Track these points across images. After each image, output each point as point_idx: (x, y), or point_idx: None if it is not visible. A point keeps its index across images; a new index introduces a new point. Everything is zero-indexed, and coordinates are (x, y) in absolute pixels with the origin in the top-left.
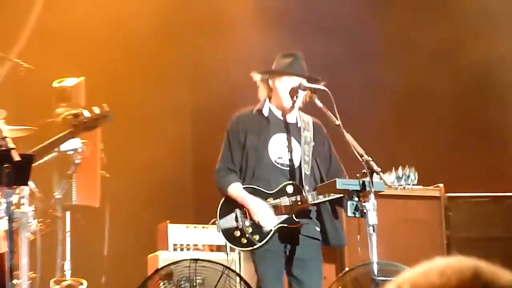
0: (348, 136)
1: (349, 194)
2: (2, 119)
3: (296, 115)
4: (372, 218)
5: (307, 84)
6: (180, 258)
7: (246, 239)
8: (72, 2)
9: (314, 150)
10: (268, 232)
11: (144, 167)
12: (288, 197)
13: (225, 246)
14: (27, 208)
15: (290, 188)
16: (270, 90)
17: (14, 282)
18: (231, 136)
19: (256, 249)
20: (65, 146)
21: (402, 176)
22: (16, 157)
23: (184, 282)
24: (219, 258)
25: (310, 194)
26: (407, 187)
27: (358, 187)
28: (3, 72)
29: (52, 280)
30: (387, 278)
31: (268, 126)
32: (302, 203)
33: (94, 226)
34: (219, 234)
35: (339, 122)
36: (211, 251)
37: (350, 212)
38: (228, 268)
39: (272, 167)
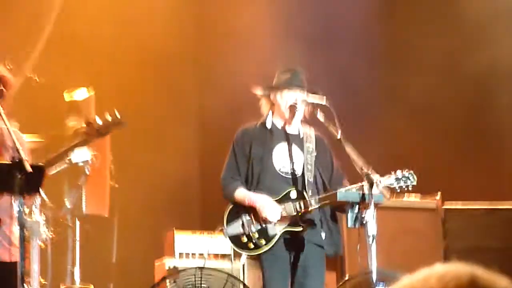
0: (349, 149)
1: (349, 205)
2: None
3: (298, 127)
4: (372, 228)
5: (309, 100)
6: (186, 266)
7: (253, 244)
8: (84, 16)
9: (317, 160)
10: (274, 235)
11: (152, 177)
12: (292, 202)
13: (230, 255)
14: (38, 217)
15: (294, 194)
16: (272, 105)
17: None
18: (236, 147)
19: (263, 253)
20: (75, 157)
21: (402, 178)
22: (28, 168)
23: None
24: (224, 267)
25: (313, 198)
26: (406, 188)
27: (358, 199)
28: (17, 85)
29: (62, 286)
30: (385, 286)
31: (272, 137)
32: (306, 207)
33: (103, 235)
34: (226, 241)
35: (340, 136)
36: (216, 259)
37: (350, 223)
38: (232, 276)
39: (277, 176)
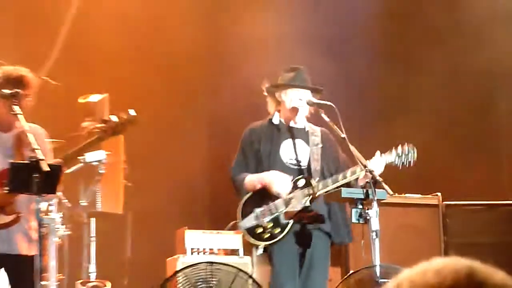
0: (353, 148)
1: (353, 202)
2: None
3: (303, 123)
4: (375, 224)
5: (314, 100)
6: (197, 261)
7: (268, 233)
8: (99, 22)
9: (323, 152)
10: (287, 223)
11: (164, 178)
12: (301, 189)
13: (238, 250)
14: (55, 214)
15: (302, 182)
16: (278, 103)
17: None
18: (244, 145)
19: (279, 240)
20: (90, 157)
21: (402, 154)
22: (45, 167)
23: (201, 283)
24: (233, 261)
25: (320, 183)
26: (408, 163)
27: (362, 196)
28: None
29: (78, 281)
30: (388, 280)
31: (279, 133)
32: (313, 192)
33: (117, 232)
34: (243, 234)
35: (344, 135)
36: (226, 255)
37: (354, 219)
38: (241, 270)
39: (285, 168)
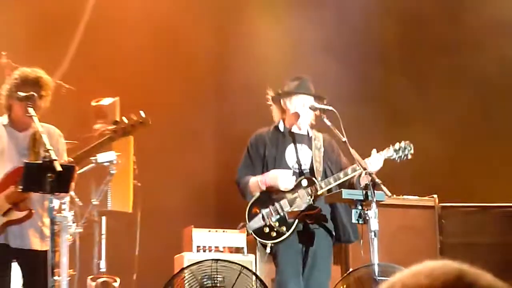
0: (353, 151)
1: (353, 203)
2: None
3: (307, 129)
4: (374, 224)
5: (317, 105)
6: (203, 258)
7: (276, 232)
8: (110, 30)
9: (325, 156)
10: (293, 222)
11: (172, 178)
12: (304, 189)
13: (243, 248)
14: (68, 213)
15: (305, 182)
16: (283, 111)
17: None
18: (251, 150)
19: (286, 238)
20: (101, 158)
21: (399, 149)
22: (58, 167)
23: (206, 280)
24: (238, 259)
25: (323, 182)
26: (405, 157)
27: (361, 197)
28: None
29: (89, 277)
30: (386, 278)
31: (284, 139)
32: (316, 190)
33: (126, 230)
34: (251, 235)
35: (345, 139)
36: (231, 252)
37: (354, 219)
38: (245, 267)
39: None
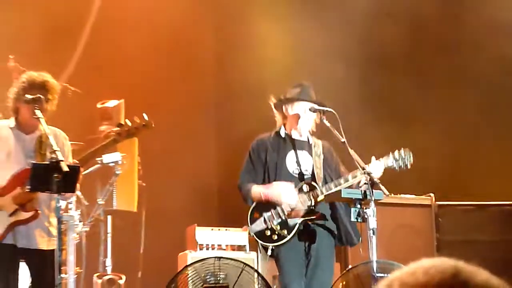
0: (352, 152)
1: (352, 201)
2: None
3: (307, 135)
4: (372, 222)
5: (317, 107)
6: (206, 256)
7: (277, 235)
8: (115, 35)
9: (324, 162)
10: (294, 225)
11: (175, 179)
12: (306, 194)
13: (245, 246)
14: (74, 212)
15: (306, 187)
16: (285, 117)
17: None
18: (252, 154)
19: (287, 241)
20: (107, 159)
21: (399, 158)
22: (65, 168)
23: (209, 277)
24: (240, 257)
25: (324, 187)
26: (405, 166)
27: (360, 196)
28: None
29: (95, 274)
30: (384, 275)
31: (285, 144)
32: (316, 196)
33: (131, 228)
34: (253, 238)
35: (344, 140)
36: (233, 250)
37: (353, 217)
38: (247, 265)
39: (290, 177)
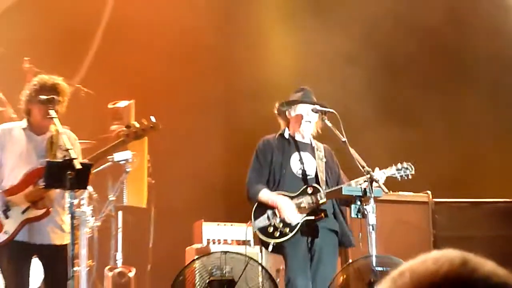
0: (352, 151)
1: (352, 198)
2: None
3: (310, 138)
4: (372, 219)
5: (319, 108)
6: (212, 250)
7: (279, 232)
8: (126, 38)
9: (326, 165)
10: (296, 224)
11: (184, 176)
12: (309, 195)
13: (249, 241)
14: (86, 208)
15: (310, 189)
16: (288, 120)
17: (74, 269)
18: (259, 154)
19: (286, 240)
20: (118, 157)
21: (401, 168)
22: (78, 165)
23: (216, 270)
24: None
25: (324, 192)
26: (406, 177)
27: (360, 193)
28: (69, 94)
29: (106, 267)
30: (383, 269)
31: (289, 146)
32: (317, 200)
33: (141, 223)
34: (256, 233)
35: (345, 139)
36: (238, 245)
37: (353, 214)
38: (252, 258)
39: (294, 178)
